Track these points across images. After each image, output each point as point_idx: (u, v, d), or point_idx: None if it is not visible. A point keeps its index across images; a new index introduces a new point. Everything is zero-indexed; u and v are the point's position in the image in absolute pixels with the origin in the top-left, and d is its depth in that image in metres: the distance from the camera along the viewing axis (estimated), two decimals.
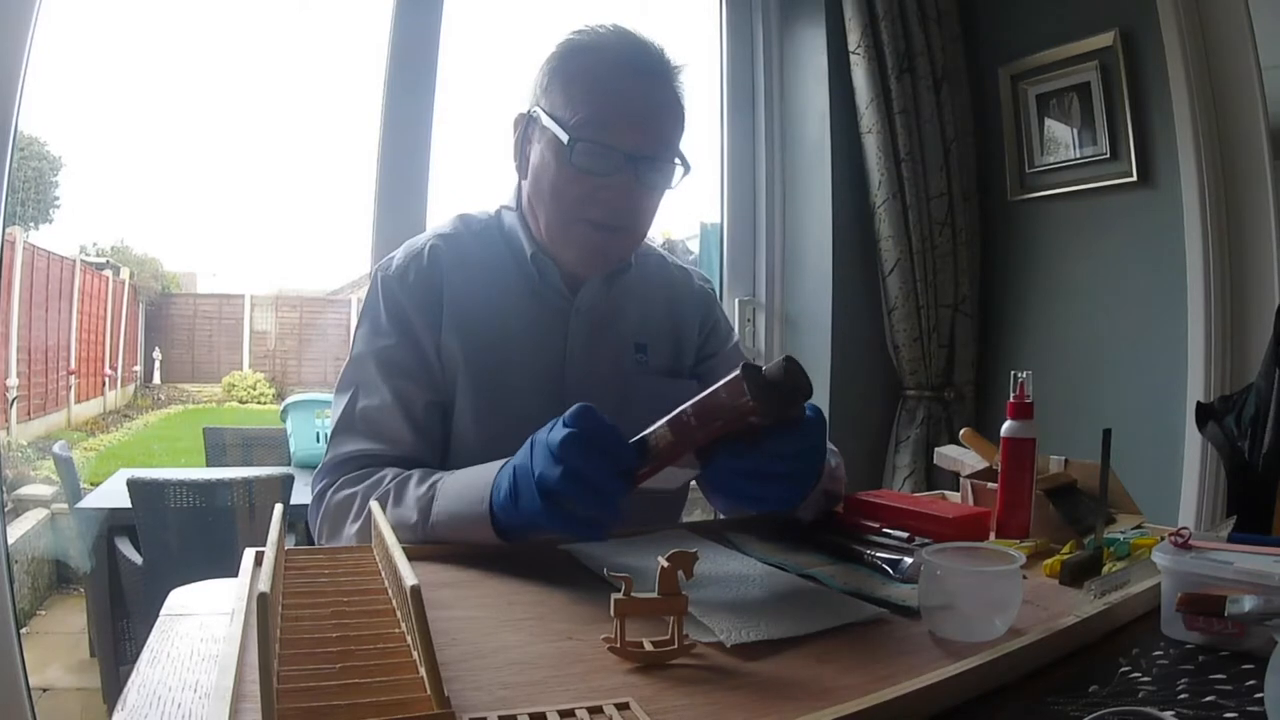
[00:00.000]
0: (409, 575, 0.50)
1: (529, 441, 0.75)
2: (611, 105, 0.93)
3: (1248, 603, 0.57)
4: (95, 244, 6.01)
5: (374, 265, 1.06)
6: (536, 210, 1.00)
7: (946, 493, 1.18)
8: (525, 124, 1.01)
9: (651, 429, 0.71)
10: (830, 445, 0.97)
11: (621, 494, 0.69)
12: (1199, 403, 1.08)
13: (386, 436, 0.94)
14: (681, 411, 0.70)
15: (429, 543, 0.83)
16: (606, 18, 0.99)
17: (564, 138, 0.92)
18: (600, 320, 1.04)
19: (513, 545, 0.80)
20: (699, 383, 1.09)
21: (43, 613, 3.26)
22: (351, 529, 0.88)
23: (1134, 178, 1.88)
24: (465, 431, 0.97)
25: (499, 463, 0.79)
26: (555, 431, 0.70)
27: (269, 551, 0.57)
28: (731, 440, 0.71)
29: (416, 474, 0.87)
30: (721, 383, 0.69)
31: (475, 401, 0.97)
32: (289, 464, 2.60)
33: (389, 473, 0.89)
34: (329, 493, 0.92)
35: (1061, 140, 2.03)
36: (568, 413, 0.71)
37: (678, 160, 0.97)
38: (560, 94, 0.95)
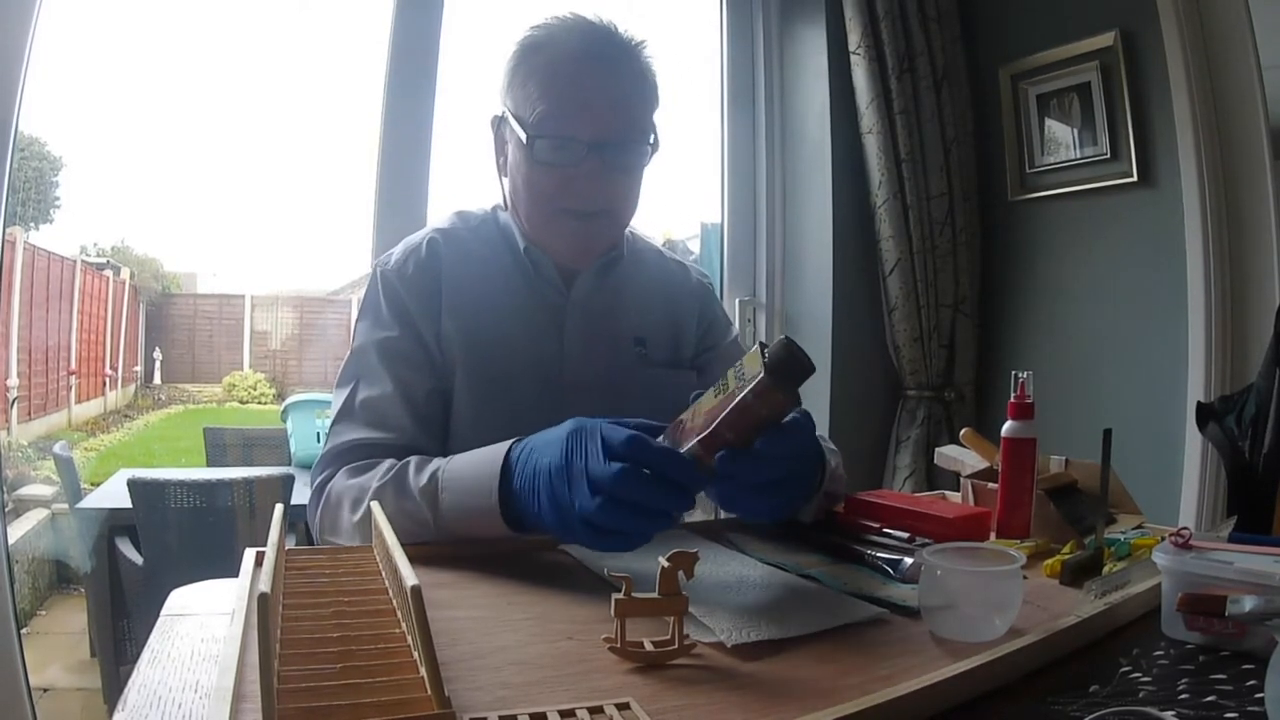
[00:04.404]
0: (409, 575, 0.50)
1: (563, 472, 0.69)
2: (567, 96, 0.93)
3: (1248, 603, 0.57)
4: (96, 244, 6.02)
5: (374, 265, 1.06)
6: (519, 208, 1.01)
7: (947, 493, 1.18)
8: (498, 125, 1.02)
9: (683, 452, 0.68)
10: (830, 445, 0.97)
11: (684, 509, 0.68)
12: (1199, 403, 1.08)
13: (387, 425, 0.94)
14: (715, 430, 0.66)
15: (438, 537, 0.81)
16: (606, 18, 0.99)
17: (524, 136, 0.93)
18: (597, 314, 1.04)
19: (513, 545, 0.80)
20: (699, 374, 1.09)
21: (43, 613, 3.26)
22: (351, 519, 0.87)
23: (1134, 178, 1.88)
24: (464, 421, 0.97)
25: (500, 450, 0.77)
26: (596, 464, 0.66)
27: (269, 551, 0.57)
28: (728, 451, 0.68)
29: (413, 462, 0.86)
30: (748, 390, 0.65)
31: (474, 391, 0.97)
32: (289, 464, 2.61)
33: (385, 463, 0.88)
34: (329, 483, 0.92)
35: (1062, 140, 2.03)
36: (616, 441, 0.66)
37: (651, 139, 0.97)
38: (520, 91, 0.96)
